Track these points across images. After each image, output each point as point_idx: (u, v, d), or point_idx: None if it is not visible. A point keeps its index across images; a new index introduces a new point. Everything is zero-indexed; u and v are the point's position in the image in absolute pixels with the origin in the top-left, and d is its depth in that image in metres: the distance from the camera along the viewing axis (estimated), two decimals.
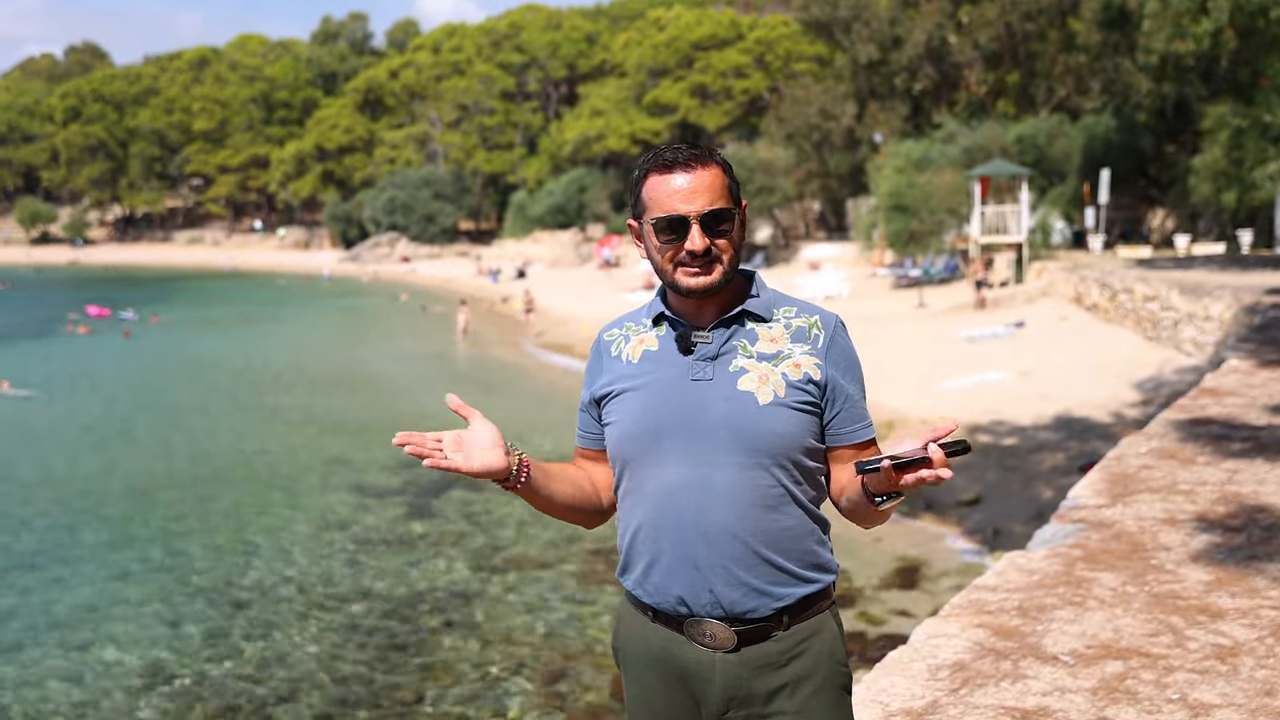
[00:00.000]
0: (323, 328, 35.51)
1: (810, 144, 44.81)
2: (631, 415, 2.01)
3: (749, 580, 1.94)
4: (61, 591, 10.65)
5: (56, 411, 20.75)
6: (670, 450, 1.96)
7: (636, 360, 2.05)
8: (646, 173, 2.01)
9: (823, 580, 2.00)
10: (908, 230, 30.52)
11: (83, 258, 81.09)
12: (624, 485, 2.04)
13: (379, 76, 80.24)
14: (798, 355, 1.99)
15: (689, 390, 1.97)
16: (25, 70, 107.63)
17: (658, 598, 1.99)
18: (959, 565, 10.17)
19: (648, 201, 2.00)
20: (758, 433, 1.93)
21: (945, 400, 15.78)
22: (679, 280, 1.98)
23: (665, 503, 1.96)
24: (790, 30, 56.78)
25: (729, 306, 2.02)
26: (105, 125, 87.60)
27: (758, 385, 1.95)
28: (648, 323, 2.08)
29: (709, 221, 1.95)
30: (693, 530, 1.94)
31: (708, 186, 1.96)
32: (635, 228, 2.06)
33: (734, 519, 1.93)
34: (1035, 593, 3.87)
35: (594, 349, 2.15)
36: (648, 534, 1.99)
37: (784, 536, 1.95)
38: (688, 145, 2.00)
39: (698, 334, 2.00)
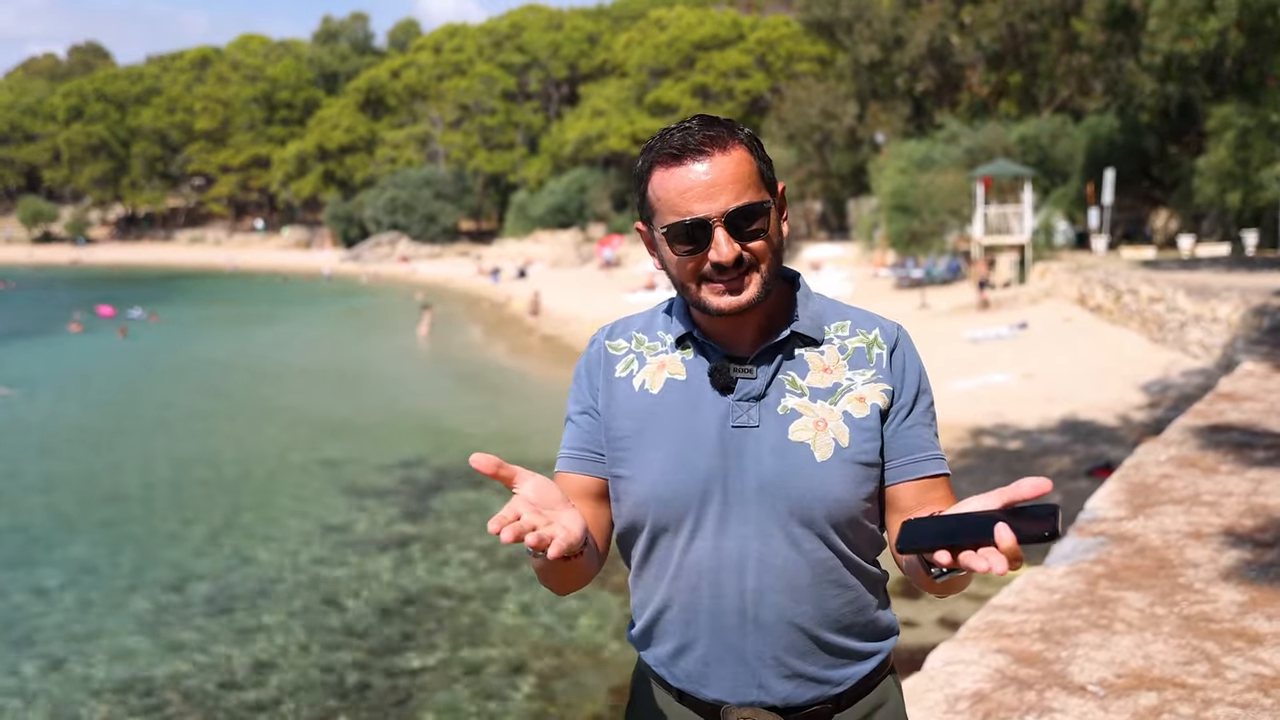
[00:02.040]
0: (321, 327, 35.30)
1: (812, 144, 44.62)
2: (658, 470, 1.58)
3: (805, 670, 1.59)
4: (43, 598, 10.43)
5: (36, 410, 20.53)
6: (706, 517, 1.57)
7: (658, 391, 1.62)
8: (651, 165, 1.57)
9: (885, 649, 1.66)
10: (910, 231, 30.32)
11: (84, 257, 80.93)
12: (644, 551, 1.64)
13: (380, 76, 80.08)
14: (860, 386, 1.60)
15: (730, 440, 1.56)
16: (28, 69, 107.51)
17: (689, 685, 1.63)
18: None
19: (656, 202, 1.56)
20: (815, 497, 1.54)
21: (948, 402, 15.55)
22: (707, 301, 1.56)
23: (703, 583, 1.58)
24: (792, 30, 56.62)
25: (773, 326, 1.62)
26: (107, 124, 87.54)
27: (814, 434, 1.55)
28: (668, 340, 1.65)
29: (737, 222, 1.52)
30: (737, 617, 1.57)
31: (732, 176, 1.52)
32: (645, 234, 1.64)
33: (789, 602, 1.56)
34: (1057, 614, 3.64)
35: (591, 357, 1.70)
36: (679, 616, 1.61)
37: (846, 613, 1.60)
38: (700, 122, 1.56)
39: (738, 368, 1.58)
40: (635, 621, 1.70)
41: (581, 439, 1.67)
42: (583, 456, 1.67)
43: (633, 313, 1.76)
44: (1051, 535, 1.26)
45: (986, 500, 1.35)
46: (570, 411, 1.70)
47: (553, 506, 1.44)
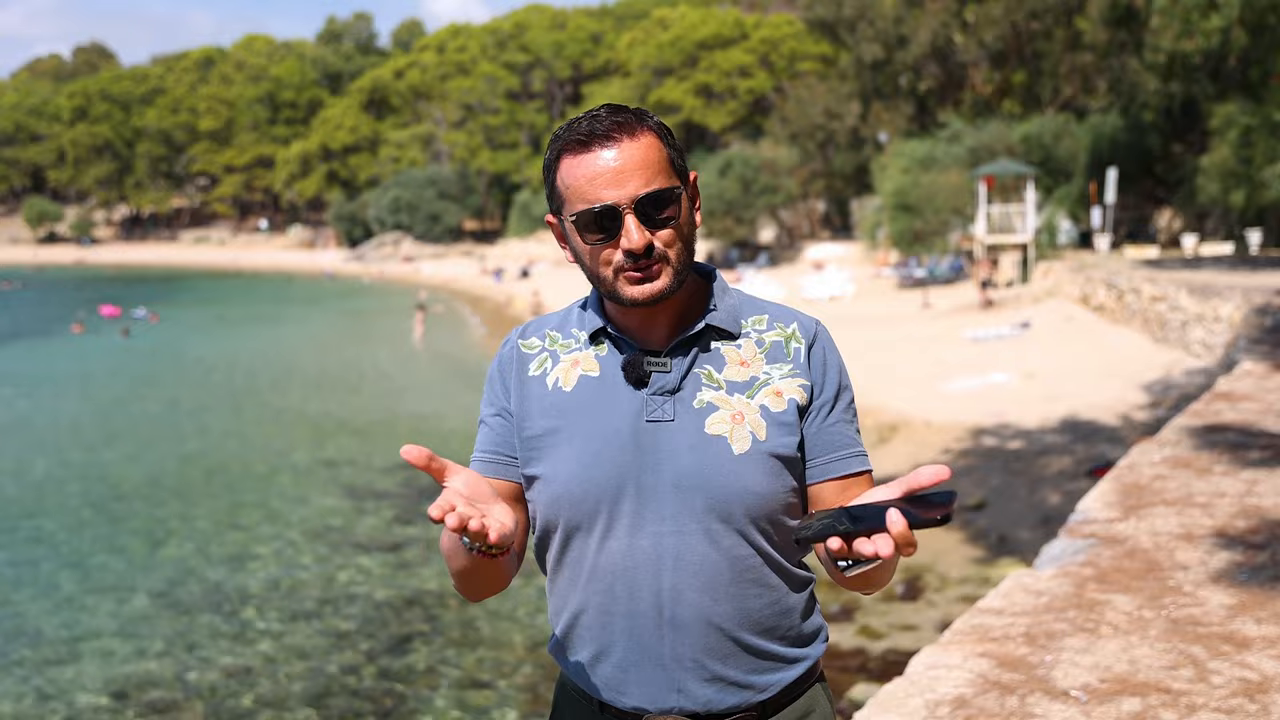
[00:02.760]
0: (324, 327, 35.29)
1: (815, 144, 44.60)
2: (569, 469, 1.54)
3: (727, 674, 1.54)
4: (42, 596, 10.41)
5: (33, 410, 20.53)
6: (621, 515, 1.52)
7: (571, 389, 1.58)
8: (560, 153, 1.53)
9: (812, 655, 1.62)
10: (912, 230, 30.30)
11: (89, 257, 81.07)
12: (556, 555, 1.59)
13: (384, 76, 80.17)
14: (777, 380, 1.56)
15: (644, 435, 1.53)
16: (33, 70, 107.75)
17: (608, 695, 1.57)
18: (963, 575, 9.89)
19: (565, 190, 1.52)
20: (732, 491, 1.50)
21: (949, 402, 15.50)
22: (620, 291, 1.52)
23: (618, 584, 1.53)
24: (795, 30, 56.59)
25: (688, 319, 1.58)
26: (112, 125, 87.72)
27: (731, 427, 1.52)
28: (581, 337, 1.61)
29: (647, 209, 1.49)
30: (653, 618, 1.52)
31: (641, 162, 1.49)
32: (556, 226, 1.58)
33: (708, 601, 1.52)
34: (1043, 617, 3.59)
35: (504, 358, 1.65)
36: (595, 620, 1.56)
37: (768, 614, 1.56)
38: (608, 109, 1.53)
39: (652, 360, 1.55)
40: (553, 631, 1.65)
41: (493, 441, 1.63)
42: (494, 460, 1.62)
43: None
44: (944, 519, 1.26)
45: (889, 490, 1.34)
46: (483, 414, 1.66)
47: (484, 500, 1.41)
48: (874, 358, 19.45)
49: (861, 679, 7.44)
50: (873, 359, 19.37)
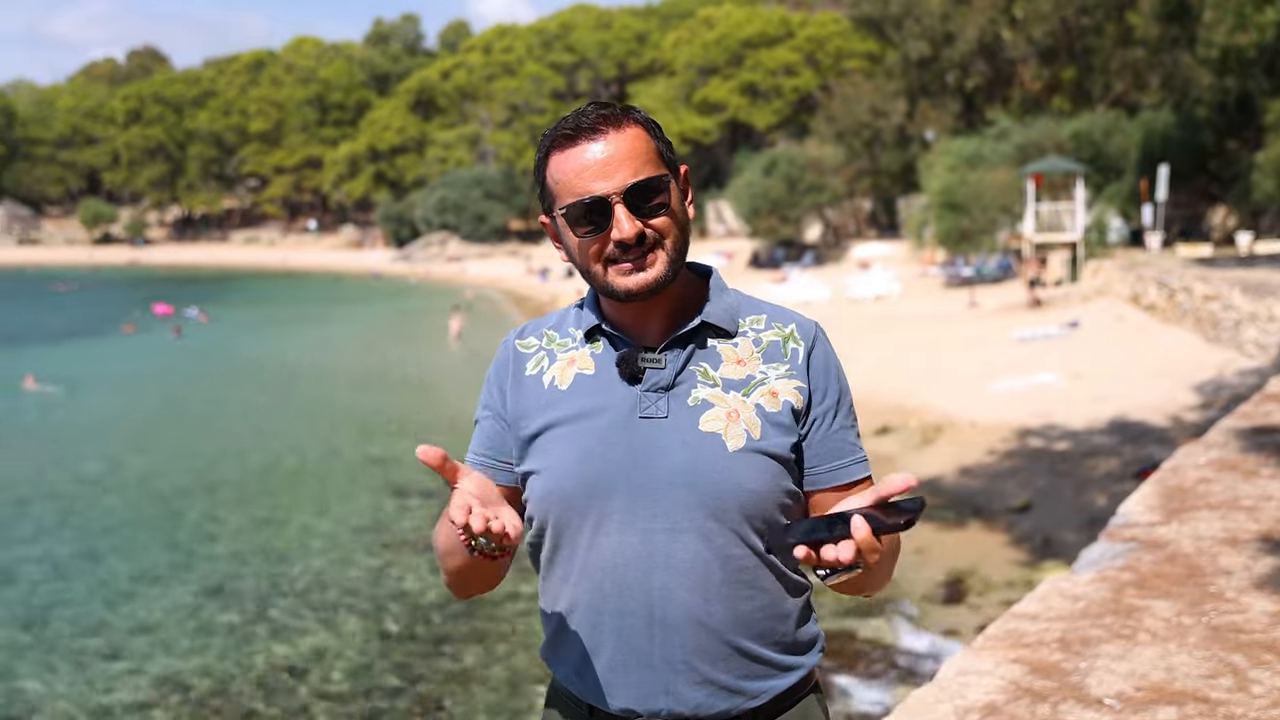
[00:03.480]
0: (371, 327, 35.57)
1: (861, 142, 44.34)
2: (562, 465, 1.53)
3: (717, 677, 1.52)
4: (87, 592, 10.57)
5: (81, 408, 20.86)
6: (613, 511, 1.51)
7: (566, 387, 1.57)
8: (548, 150, 1.53)
9: (806, 664, 1.60)
10: (959, 229, 30.02)
11: (142, 258, 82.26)
12: (549, 552, 1.58)
13: (431, 77, 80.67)
14: (773, 380, 1.55)
15: (637, 431, 1.52)
16: (89, 74, 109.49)
17: (596, 696, 1.55)
18: (1006, 577, 9.77)
19: (555, 186, 1.53)
20: (726, 488, 1.49)
21: (995, 402, 15.34)
22: (613, 283, 1.52)
23: (607, 581, 1.52)
24: (841, 27, 56.28)
25: (683, 315, 1.57)
26: (164, 127, 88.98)
27: (726, 424, 1.51)
28: (577, 336, 1.61)
29: (636, 198, 1.49)
30: (643, 617, 1.51)
31: (628, 153, 1.49)
32: (549, 225, 1.58)
33: (699, 602, 1.50)
34: (1079, 623, 3.53)
35: (500, 359, 1.66)
36: (584, 619, 1.55)
37: (760, 618, 1.54)
38: (595, 105, 1.54)
39: (646, 356, 1.54)
40: (545, 633, 1.64)
41: (484, 443, 1.64)
42: (483, 463, 1.64)
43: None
44: (907, 525, 1.31)
45: (862, 499, 1.37)
46: (477, 413, 1.67)
47: (493, 502, 1.43)
48: (919, 358, 19.29)
49: (900, 681, 7.38)
50: (918, 359, 19.21)
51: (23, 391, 22.44)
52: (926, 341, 21.28)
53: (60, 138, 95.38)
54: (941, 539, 10.95)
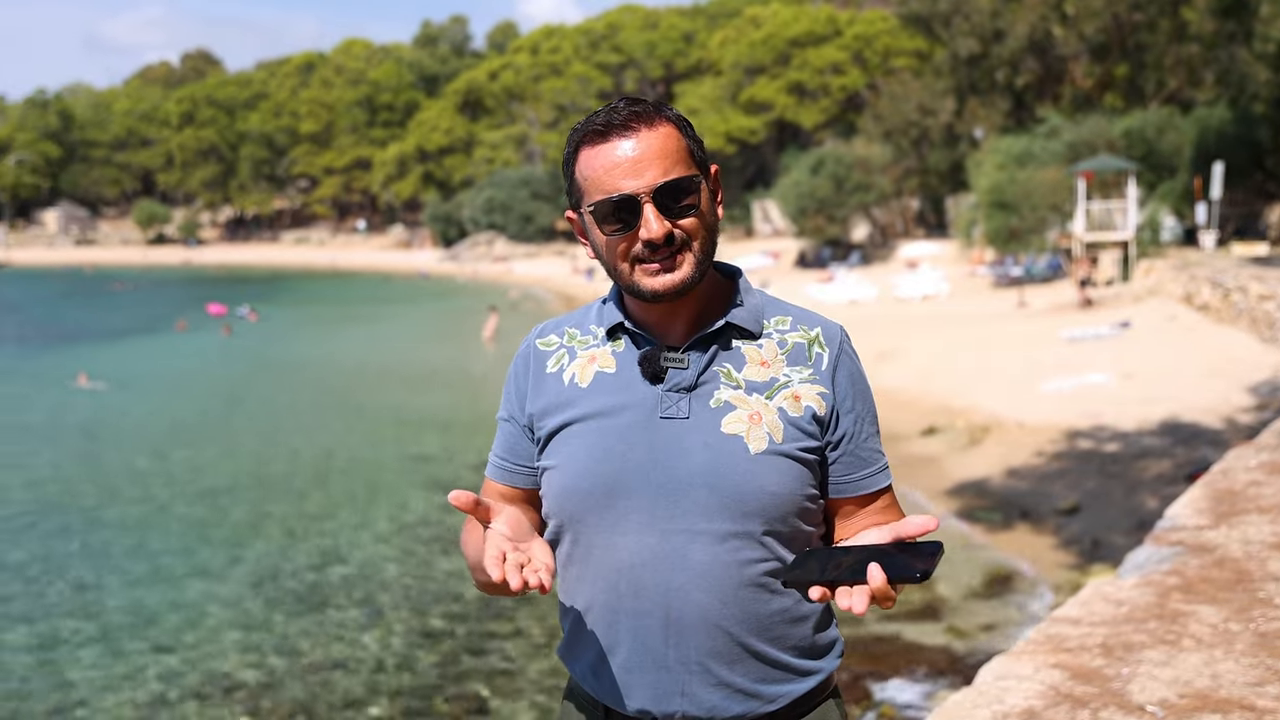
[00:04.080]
0: (416, 326, 35.81)
1: (908, 141, 44.00)
2: (580, 462, 1.52)
3: (733, 680, 1.51)
4: (132, 589, 10.72)
5: (131, 405, 21.17)
6: (632, 511, 1.50)
7: (586, 385, 1.56)
8: (578, 145, 1.52)
9: (825, 669, 1.58)
10: (1009, 228, 29.70)
11: (195, 258, 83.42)
12: (566, 550, 1.57)
13: (478, 78, 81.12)
14: (797, 383, 1.53)
15: (658, 431, 1.50)
16: (144, 77, 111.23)
17: (612, 697, 1.55)
18: (1055, 580, 9.65)
19: (584, 182, 1.51)
20: (748, 491, 1.47)
21: (1044, 403, 15.16)
22: (639, 283, 1.50)
23: (623, 581, 1.51)
24: (889, 25, 55.90)
25: (707, 316, 1.55)
26: (217, 129, 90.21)
27: (748, 426, 1.49)
28: (599, 333, 1.59)
29: (666, 198, 1.47)
30: (661, 619, 1.50)
31: (659, 152, 1.47)
32: (576, 221, 1.57)
33: (716, 604, 1.49)
34: (1122, 628, 3.47)
35: (522, 357, 1.66)
36: (600, 618, 1.54)
37: (777, 622, 1.52)
38: (626, 101, 1.52)
39: (669, 355, 1.52)
40: (562, 632, 1.64)
41: (504, 446, 1.66)
42: (503, 466, 1.65)
43: None
44: (923, 576, 1.28)
45: (880, 534, 1.36)
46: (499, 414, 1.68)
47: (525, 539, 1.45)
48: (967, 358, 19.11)
49: (944, 681, 7.31)
50: (965, 359, 19.03)
51: (75, 388, 22.84)
52: (974, 341, 21.08)
53: (116, 140, 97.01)
54: (988, 539, 10.84)
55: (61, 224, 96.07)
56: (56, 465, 16.11)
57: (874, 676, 7.91)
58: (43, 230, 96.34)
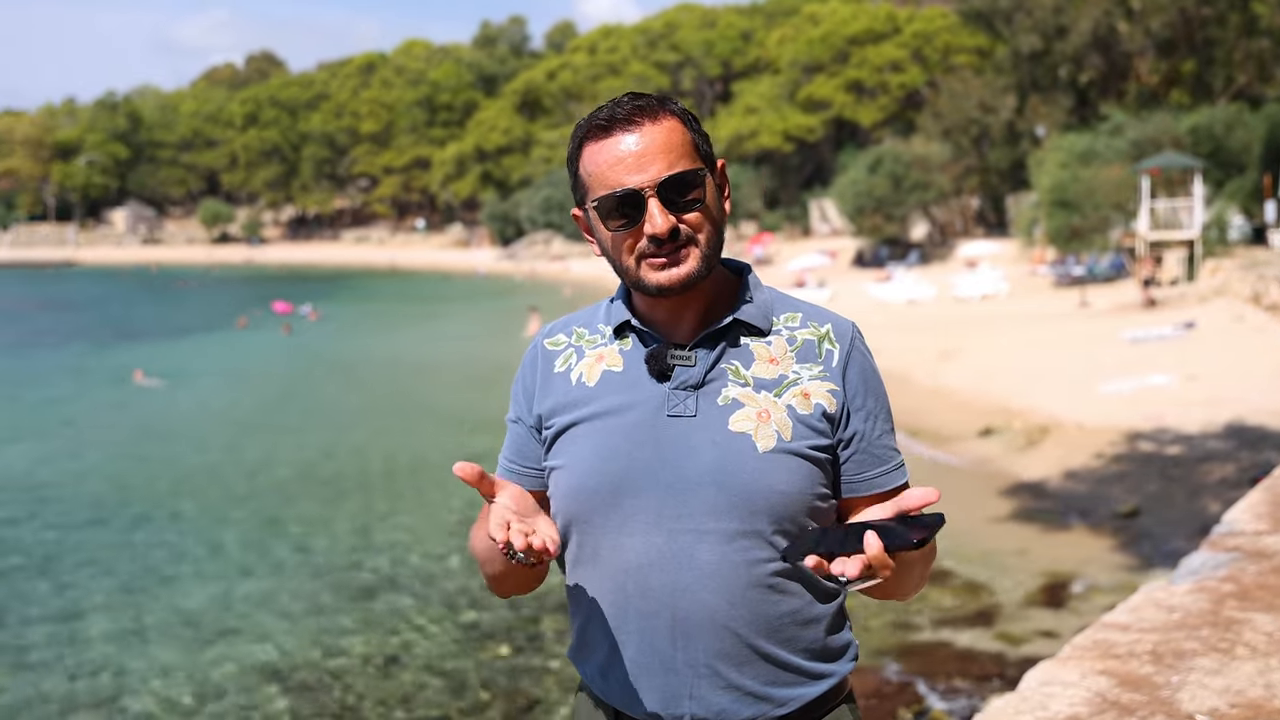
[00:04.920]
0: (474, 324, 36.03)
1: (968, 139, 43.55)
2: (586, 461, 1.51)
3: (743, 683, 1.48)
4: (193, 583, 10.88)
5: (189, 402, 21.51)
6: (638, 511, 1.48)
7: (594, 383, 1.54)
8: (582, 141, 1.51)
9: (838, 673, 1.54)
10: (1070, 226, 29.26)
11: (257, 256, 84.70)
12: (574, 551, 1.55)
13: (537, 78, 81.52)
14: (806, 380, 1.50)
15: (665, 429, 1.48)
16: (210, 79, 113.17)
17: (621, 700, 1.52)
18: (1113, 583, 9.47)
19: (588, 179, 1.49)
20: (756, 490, 1.45)
21: (1104, 404, 14.90)
22: (645, 278, 1.48)
23: (630, 582, 1.49)
24: (949, 22, 55.35)
25: (715, 313, 1.53)
26: (280, 129, 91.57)
27: (756, 425, 1.47)
28: (607, 332, 1.58)
29: (670, 192, 1.45)
30: (668, 620, 1.47)
31: (663, 145, 1.45)
32: (582, 218, 1.56)
33: (724, 605, 1.46)
34: (1174, 634, 3.37)
35: (529, 357, 1.64)
36: (607, 620, 1.52)
37: (787, 623, 1.49)
38: (631, 95, 1.50)
39: (676, 353, 1.50)
40: (572, 633, 1.62)
41: (512, 448, 1.66)
42: (510, 468, 1.65)
43: None
44: (920, 544, 1.27)
45: (883, 510, 1.34)
46: (508, 417, 1.68)
47: (530, 514, 1.43)
48: (1026, 358, 18.84)
49: (994, 688, 7.19)
50: (1024, 359, 18.76)
51: (132, 385, 23.29)
52: (1034, 342, 20.79)
53: (182, 140, 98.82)
54: (1044, 542, 10.67)
55: (129, 223, 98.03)
56: (105, 461, 16.39)
57: (924, 682, 7.81)
58: (111, 229, 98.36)
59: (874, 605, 9.37)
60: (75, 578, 11.06)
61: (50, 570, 11.33)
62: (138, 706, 8.10)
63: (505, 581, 1.58)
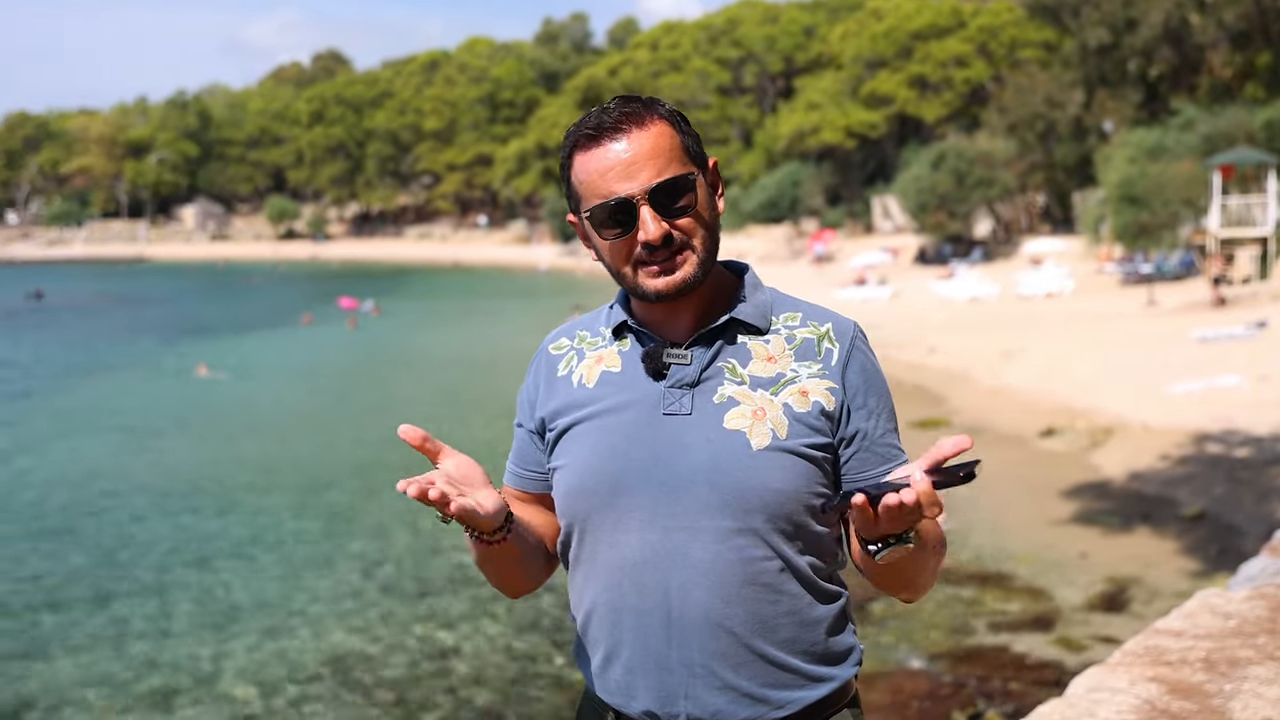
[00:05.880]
0: (536, 319, 36.19)
1: (1034, 134, 42.89)
2: (584, 460, 1.52)
3: (739, 683, 1.46)
4: (254, 575, 11.05)
5: (252, 395, 21.84)
6: (633, 509, 1.48)
7: (593, 384, 1.56)
8: (572, 150, 1.52)
9: (839, 677, 1.52)
10: (1138, 223, 28.69)
11: (322, 253, 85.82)
12: (575, 551, 1.56)
13: (598, 75, 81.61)
14: (805, 379, 1.50)
15: (660, 428, 1.49)
16: (277, 78, 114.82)
17: (617, 699, 1.52)
18: (1175, 588, 9.28)
19: (580, 187, 1.51)
20: (749, 487, 1.44)
21: (1171, 405, 14.61)
22: (642, 285, 1.49)
23: (625, 580, 1.49)
24: (1015, 16, 54.55)
25: (711, 313, 1.54)
26: (345, 127, 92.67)
27: (751, 422, 1.47)
28: (606, 334, 1.60)
29: (661, 198, 1.46)
30: (662, 619, 1.47)
31: (651, 151, 1.46)
32: (578, 225, 1.57)
33: (718, 603, 1.45)
34: (1229, 642, 3.30)
35: (534, 363, 1.67)
36: (604, 619, 1.52)
37: (785, 624, 1.48)
38: (618, 101, 1.51)
39: (672, 352, 1.51)
40: (574, 632, 1.63)
41: (516, 452, 1.68)
42: (514, 472, 1.68)
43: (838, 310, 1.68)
44: (967, 478, 1.28)
45: (915, 465, 1.33)
46: (515, 421, 1.71)
47: (472, 485, 1.45)
48: (1091, 357, 18.53)
49: (1049, 694, 7.08)
50: (1089, 358, 18.45)
51: (195, 379, 23.74)
52: (1099, 341, 20.44)
53: (250, 138, 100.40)
54: (1106, 546, 10.49)
55: (198, 220, 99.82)
56: (169, 452, 16.69)
57: (979, 685, 7.72)
58: (181, 226, 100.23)
59: (931, 607, 9.28)
60: (140, 567, 11.30)
61: (112, 560, 11.58)
62: (201, 690, 8.26)
63: (490, 570, 1.59)
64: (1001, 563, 10.31)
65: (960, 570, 10.09)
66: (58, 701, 8.20)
